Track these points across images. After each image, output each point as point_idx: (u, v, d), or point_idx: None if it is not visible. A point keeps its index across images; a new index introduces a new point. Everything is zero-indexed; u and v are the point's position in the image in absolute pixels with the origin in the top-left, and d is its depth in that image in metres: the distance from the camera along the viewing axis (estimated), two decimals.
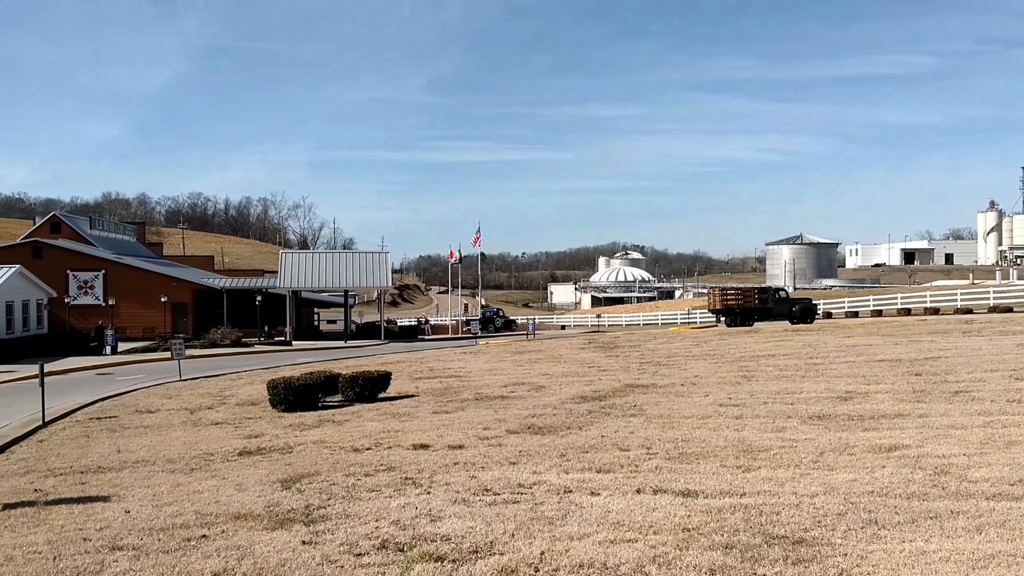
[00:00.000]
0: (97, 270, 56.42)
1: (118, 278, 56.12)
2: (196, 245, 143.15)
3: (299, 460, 12.38)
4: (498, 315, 74.67)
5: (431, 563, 6.99)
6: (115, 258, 59.64)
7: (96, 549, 7.76)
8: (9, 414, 20.01)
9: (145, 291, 55.18)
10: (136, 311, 54.05)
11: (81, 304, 54.49)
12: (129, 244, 73.70)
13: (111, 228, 75.57)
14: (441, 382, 24.12)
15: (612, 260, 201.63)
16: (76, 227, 67.17)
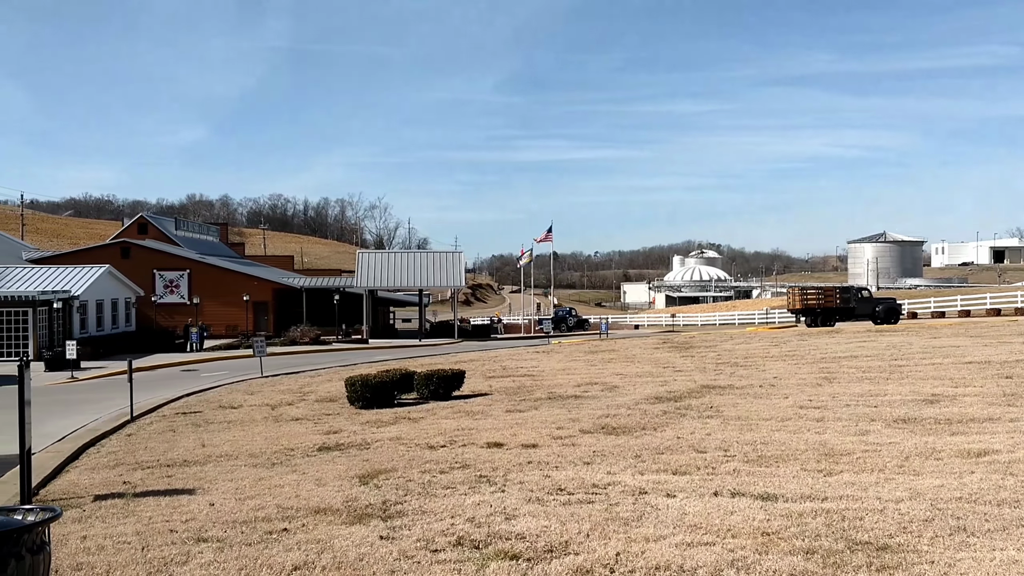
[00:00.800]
0: (182, 269, 58.23)
1: (202, 277, 57.82)
2: (276, 245, 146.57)
3: (376, 456, 12.57)
4: (570, 314, 74.48)
5: (506, 561, 7.01)
6: (199, 258, 61.48)
7: (182, 540, 8.01)
8: (99, 409, 20.80)
9: (228, 290, 56.72)
10: (219, 309, 55.61)
11: (167, 303, 56.35)
12: (212, 244, 75.91)
13: (195, 229, 77.96)
14: (514, 381, 24.19)
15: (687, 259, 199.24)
16: (162, 228, 69.49)
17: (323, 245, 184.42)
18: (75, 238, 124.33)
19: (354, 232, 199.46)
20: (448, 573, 6.75)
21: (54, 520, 4.95)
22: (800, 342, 33.18)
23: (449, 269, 59.64)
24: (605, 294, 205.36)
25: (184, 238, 69.80)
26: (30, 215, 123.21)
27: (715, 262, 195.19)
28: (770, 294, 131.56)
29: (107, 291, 46.54)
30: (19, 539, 4.67)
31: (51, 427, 17.28)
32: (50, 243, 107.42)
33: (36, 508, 5.04)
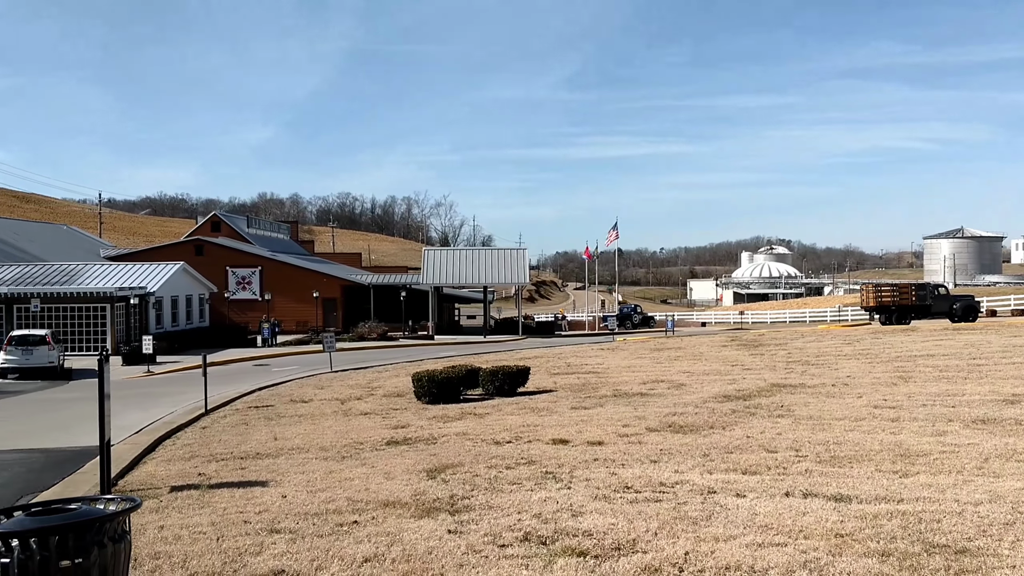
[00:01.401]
0: (254, 266, 59.52)
1: (273, 274, 59.03)
2: (344, 243, 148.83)
3: (443, 451, 12.67)
4: (635, 311, 73.94)
5: (574, 558, 7.00)
6: (270, 255, 62.77)
7: (256, 531, 8.20)
8: (175, 402, 21.41)
9: (298, 287, 57.81)
10: (289, 305, 56.70)
11: (239, 299, 57.68)
12: (283, 242, 77.44)
13: (266, 227, 79.62)
14: (579, 378, 24.13)
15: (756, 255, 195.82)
16: (235, 226, 71.14)
17: (390, 242, 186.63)
18: (151, 236, 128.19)
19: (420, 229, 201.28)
20: (515, 568, 6.77)
21: (134, 510, 5.10)
22: (874, 340, 32.37)
23: (513, 266, 59.77)
24: (671, 291, 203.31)
25: (256, 236, 71.34)
26: (108, 214, 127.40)
27: (785, 258, 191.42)
28: (842, 291, 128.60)
29: (182, 287, 47.85)
30: (101, 528, 4.83)
31: (129, 419, 17.84)
32: (127, 241, 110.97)
33: (117, 498, 5.20)
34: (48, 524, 4.72)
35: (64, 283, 42.14)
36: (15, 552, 4.61)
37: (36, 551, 4.61)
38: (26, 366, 30.76)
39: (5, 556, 4.62)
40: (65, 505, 5.14)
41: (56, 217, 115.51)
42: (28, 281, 42.43)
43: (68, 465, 13.22)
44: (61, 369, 31.89)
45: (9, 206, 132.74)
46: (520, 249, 64.23)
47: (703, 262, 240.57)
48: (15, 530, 4.69)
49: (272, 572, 6.84)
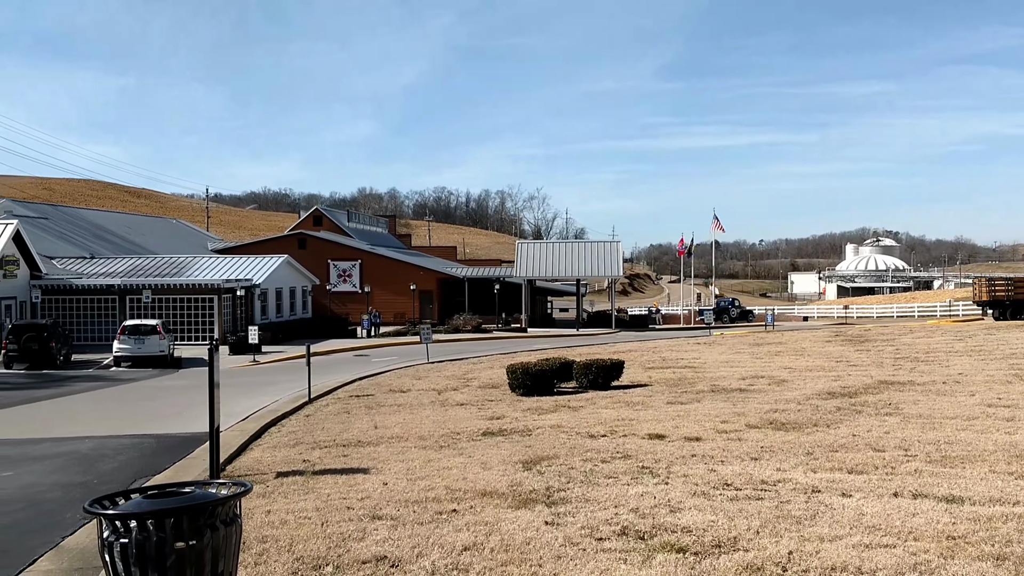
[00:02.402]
0: (354, 260, 60.88)
1: (372, 267, 60.27)
2: (440, 236, 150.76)
3: (538, 443, 12.70)
4: (733, 305, 72.48)
5: (672, 553, 6.92)
6: (370, 249, 64.10)
7: (359, 517, 8.39)
8: (279, 391, 22.08)
9: (395, 279, 58.88)
10: (387, 298, 57.80)
11: (340, 291, 59.12)
12: (381, 236, 78.99)
13: (366, 221, 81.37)
14: (674, 372, 23.83)
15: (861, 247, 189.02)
16: (335, 220, 72.94)
17: (484, 236, 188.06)
18: (255, 229, 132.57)
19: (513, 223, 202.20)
20: (614, 562, 6.73)
21: (245, 495, 5.27)
22: (987, 336, 30.91)
23: (606, 259, 59.40)
24: (770, 284, 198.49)
25: (355, 229, 72.96)
26: (214, 208, 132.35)
27: (892, 251, 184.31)
28: (953, 285, 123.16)
29: (285, 280, 49.33)
30: (214, 511, 5.01)
31: (236, 407, 18.47)
32: (233, 234, 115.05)
33: (228, 483, 5.39)
34: (164, 507, 4.93)
35: (174, 275, 43.98)
36: (133, 533, 4.82)
37: (153, 532, 4.82)
38: (138, 355, 32.24)
39: (123, 537, 4.83)
40: (179, 489, 5.36)
41: (166, 211, 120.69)
42: (140, 273, 44.45)
43: (178, 450, 13.80)
44: (171, 358, 33.29)
45: (122, 201, 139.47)
46: (613, 241, 63.78)
47: (805, 255, 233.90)
48: (133, 512, 4.91)
49: (375, 557, 6.98)
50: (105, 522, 4.89)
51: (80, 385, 26.27)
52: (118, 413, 19.69)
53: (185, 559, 4.82)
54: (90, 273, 44.40)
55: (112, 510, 4.95)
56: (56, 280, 42.11)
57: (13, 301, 39.56)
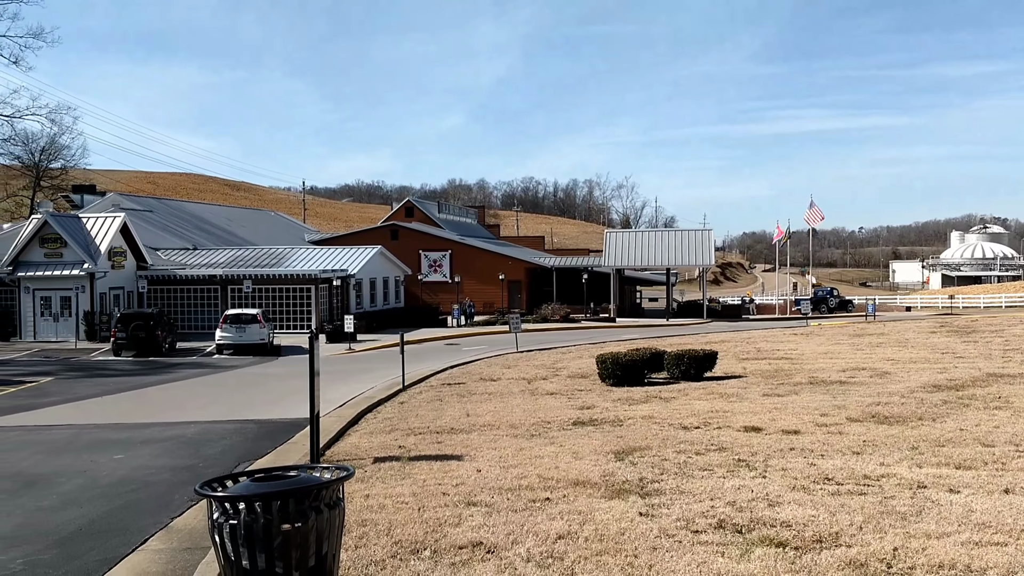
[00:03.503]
0: (444, 250, 61.61)
1: (462, 257, 60.88)
2: (528, 226, 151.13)
3: (629, 433, 12.62)
4: (831, 294, 70.41)
5: (772, 548, 6.79)
6: (459, 239, 64.74)
7: (454, 503, 8.50)
8: (374, 378, 22.53)
9: (484, 269, 59.34)
10: (477, 287, 58.31)
11: (430, 281, 59.93)
12: (471, 226, 79.68)
13: (455, 212, 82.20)
14: (770, 364, 23.33)
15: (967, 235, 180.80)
16: (426, 211, 73.91)
17: (571, 225, 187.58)
18: (349, 221, 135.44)
19: (601, 212, 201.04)
20: (711, 555, 6.65)
21: (347, 479, 5.41)
22: None
23: (698, 247, 58.50)
24: (870, 273, 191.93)
25: (445, 220, 73.78)
26: (310, 200, 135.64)
27: (1001, 238, 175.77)
28: None
29: (379, 270, 50.28)
30: (319, 494, 5.16)
31: (333, 394, 18.92)
32: (328, 226, 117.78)
33: (332, 467, 5.53)
34: (271, 490, 5.09)
35: (273, 266, 45.33)
36: (241, 515, 5.00)
37: (260, 514, 4.99)
38: (239, 343, 33.37)
39: (232, 518, 5.02)
40: (285, 472, 5.53)
41: (264, 204, 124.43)
42: (241, 264, 45.96)
43: (279, 435, 14.24)
44: (271, 346, 34.34)
45: (222, 194, 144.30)
46: (705, 230, 62.76)
47: (907, 242, 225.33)
48: (242, 494, 5.09)
49: (471, 543, 7.07)
50: (215, 504, 5.09)
51: (184, 372, 27.36)
52: (221, 399, 20.43)
53: (291, 541, 4.97)
54: (193, 264, 46.15)
55: (222, 492, 5.14)
56: (161, 271, 43.93)
57: (121, 291, 41.46)
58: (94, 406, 19.29)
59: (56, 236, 38.98)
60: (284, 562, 4.97)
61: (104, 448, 13.43)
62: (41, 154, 67.54)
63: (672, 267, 59.66)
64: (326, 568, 5.18)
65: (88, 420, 16.83)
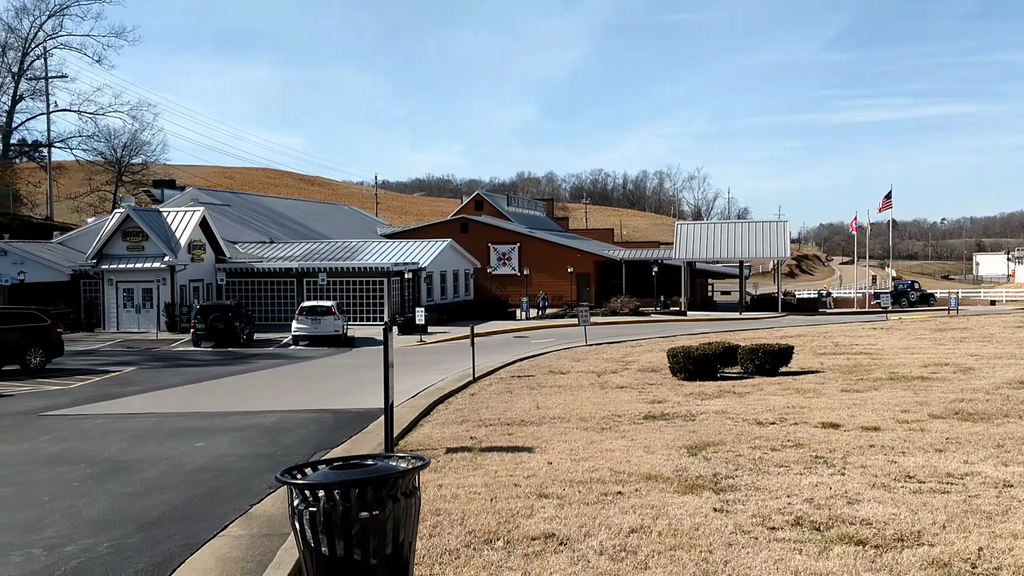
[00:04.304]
0: (513, 243, 61.73)
1: (531, 250, 60.90)
2: (596, 219, 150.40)
3: (702, 428, 12.48)
4: (912, 287, 68.37)
5: (851, 546, 6.65)
6: (528, 232, 64.80)
7: (526, 495, 8.53)
8: (444, 370, 22.74)
9: (553, 262, 59.25)
10: (545, 280, 58.27)
11: (499, 274, 60.13)
12: (539, 219, 79.66)
13: (524, 204, 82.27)
14: (848, 359, 22.79)
15: None
16: (495, 204, 74.14)
17: (641, 217, 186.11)
18: (420, 215, 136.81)
19: (671, 204, 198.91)
20: (788, 552, 6.54)
21: (423, 468, 5.46)
22: None
23: (772, 239, 57.38)
24: (953, 266, 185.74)
25: (514, 213, 73.90)
26: (382, 194, 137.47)
27: None
28: None
29: (449, 263, 50.67)
30: (396, 483, 5.22)
31: (405, 385, 19.15)
32: (399, 219, 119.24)
33: (408, 456, 5.60)
34: (350, 478, 5.18)
35: (346, 259, 46.07)
36: (321, 502, 5.10)
37: (339, 502, 5.07)
38: (314, 334, 34.02)
39: (312, 505, 5.12)
40: (362, 461, 5.61)
41: (337, 198, 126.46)
42: (316, 257, 46.84)
43: (354, 424, 14.49)
44: (345, 337, 34.93)
45: (297, 188, 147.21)
46: (780, 221, 61.47)
47: (992, 234, 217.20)
48: (321, 482, 5.19)
49: (543, 535, 7.09)
50: (295, 491, 5.19)
51: (262, 362, 28.03)
52: (297, 389, 20.87)
53: (369, 528, 5.05)
54: (270, 257, 47.20)
55: (301, 480, 5.25)
56: (239, 263, 45.05)
57: (200, 283, 42.66)
58: (175, 395, 19.91)
59: (138, 230, 40.28)
60: (362, 549, 5.05)
61: (186, 436, 13.85)
62: (123, 150, 70.05)
63: (745, 260, 58.67)
64: (403, 556, 5.25)
65: (170, 409, 17.38)
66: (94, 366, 26.60)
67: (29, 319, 25.42)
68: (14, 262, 41.54)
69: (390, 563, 5.16)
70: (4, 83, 64.17)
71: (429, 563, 6.53)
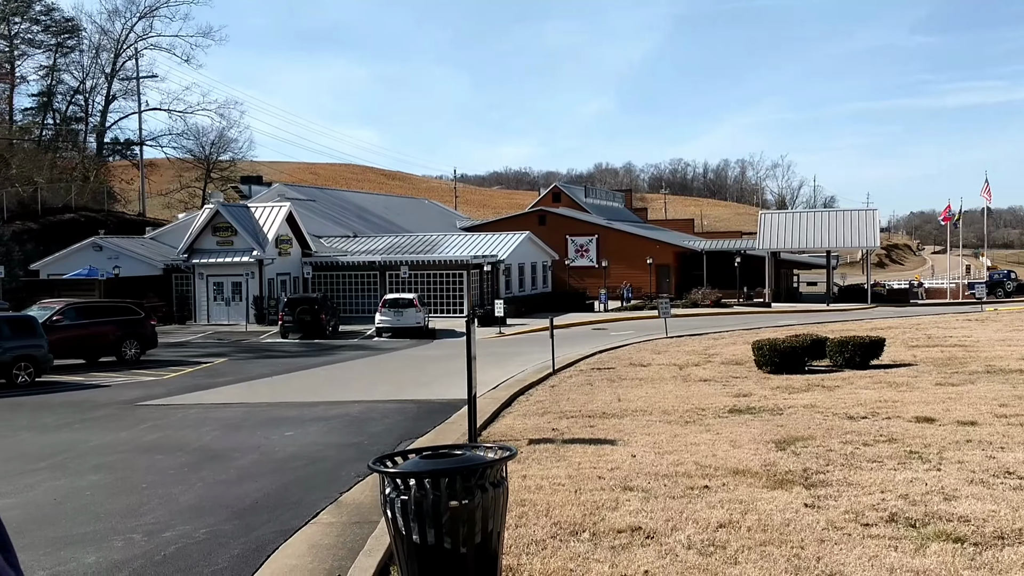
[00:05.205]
0: (591, 235, 61.46)
1: (609, 242, 60.54)
2: (676, 209, 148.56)
3: (790, 423, 12.22)
4: (1008, 277, 65.53)
5: (949, 543, 6.43)
6: (606, 223, 64.41)
7: (610, 487, 8.50)
8: (524, 361, 22.81)
9: (631, 253, 58.75)
10: (624, 272, 57.81)
11: (577, 266, 59.93)
12: (617, 210, 79.11)
13: (602, 196, 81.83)
14: (942, 351, 22.01)
15: None
16: (573, 196, 73.93)
17: (722, 207, 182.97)
18: (497, 207, 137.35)
19: (754, 193, 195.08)
20: (882, 549, 6.37)
21: (511, 459, 5.50)
22: None
23: (860, 228, 55.74)
24: None
25: (592, 205, 73.57)
26: (461, 188, 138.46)
27: None
28: None
29: (527, 255, 50.78)
30: (484, 473, 5.27)
31: (486, 376, 19.26)
32: (477, 212, 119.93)
33: (495, 447, 5.64)
34: (440, 467, 5.25)
35: (427, 252, 46.61)
36: (412, 491, 5.18)
37: (429, 491, 5.15)
38: (397, 326, 34.54)
39: (403, 494, 5.20)
40: (451, 451, 5.68)
41: (417, 192, 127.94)
42: (397, 250, 47.51)
43: (437, 415, 14.67)
44: (426, 329, 35.37)
45: (379, 183, 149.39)
46: (869, 210, 59.69)
47: None
48: (412, 471, 5.27)
49: (629, 528, 7.06)
50: (387, 479, 5.29)
51: (347, 354, 28.59)
52: (382, 380, 21.22)
53: (458, 517, 5.11)
54: (353, 251, 48.08)
55: (392, 469, 5.34)
56: (324, 257, 46.01)
57: (288, 277, 43.72)
58: (264, 386, 20.47)
59: (227, 225, 41.46)
60: (452, 538, 5.11)
61: (276, 425, 14.23)
62: (211, 147, 72.27)
63: (832, 249, 57.14)
64: (491, 545, 5.30)
65: (260, 399, 17.88)
66: (186, 357, 27.53)
67: (124, 312, 26.46)
68: (109, 257, 43.27)
69: (479, 552, 5.22)
70: (98, 84, 66.88)
71: (516, 553, 6.57)
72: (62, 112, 66.76)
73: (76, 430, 14.29)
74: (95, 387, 20.47)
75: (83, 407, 17.05)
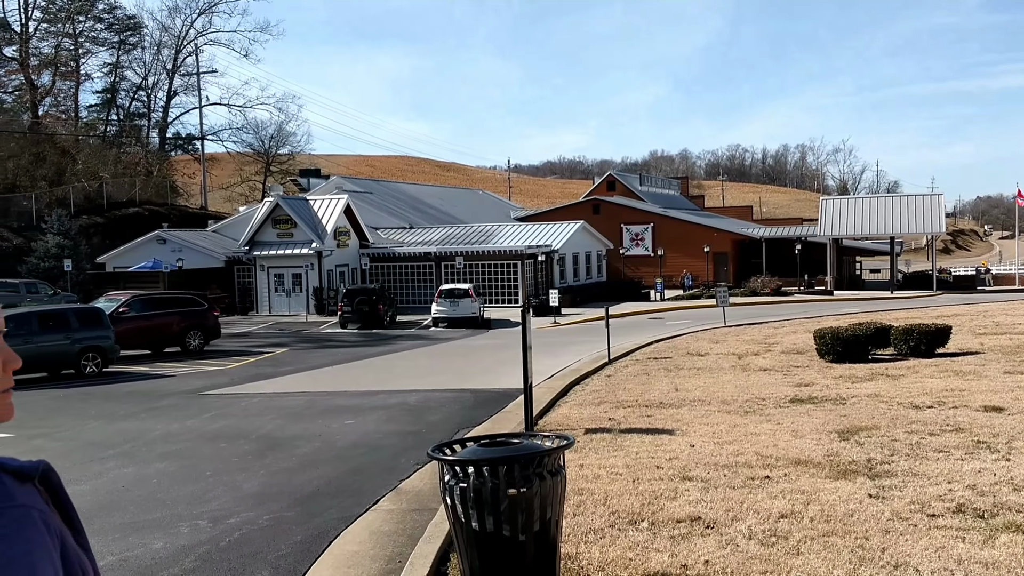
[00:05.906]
0: (646, 223, 60.98)
1: (664, 230, 59.98)
2: (734, 196, 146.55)
3: (854, 412, 11.99)
4: None
5: (1019, 534, 6.26)
6: (662, 211, 63.84)
7: (668, 477, 8.45)
8: (579, 351, 22.76)
9: (688, 241, 58.14)
10: (680, 260, 57.29)
11: (632, 255, 59.56)
12: (673, 198, 78.35)
13: (657, 183, 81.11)
14: (1011, 339, 21.38)
15: None
16: (628, 184, 73.43)
17: (781, 193, 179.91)
18: (551, 197, 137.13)
19: (815, 178, 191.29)
20: (950, 540, 6.22)
21: (568, 448, 5.50)
22: None
23: (925, 213, 54.34)
24: None
25: (647, 193, 72.98)
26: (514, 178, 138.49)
27: None
28: None
29: (581, 244, 50.61)
30: (542, 461, 5.28)
31: (541, 366, 19.24)
32: (531, 202, 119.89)
33: (552, 436, 5.65)
34: (498, 455, 5.27)
35: (482, 243, 46.78)
36: (471, 478, 5.22)
37: (488, 479, 5.18)
38: (453, 316, 34.77)
39: (462, 481, 5.24)
40: (508, 439, 5.71)
41: (471, 183, 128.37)
42: (452, 241, 47.78)
43: (493, 404, 14.73)
44: (481, 319, 35.53)
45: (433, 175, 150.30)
46: (934, 195, 58.12)
47: None
48: (471, 459, 5.30)
49: (688, 517, 7.00)
50: (446, 467, 5.33)
51: (404, 343, 28.88)
52: (438, 369, 21.38)
53: (517, 505, 5.13)
54: (409, 242, 48.50)
55: (452, 457, 5.38)
56: (381, 248, 46.49)
57: (346, 268, 44.28)
58: (325, 375, 20.78)
59: (287, 217, 42.13)
60: (511, 525, 5.14)
61: (336, 414, 14.45)
62: (270, 141, 73.53)
63: (896, 235, 55.81)
64: (550, 534, 5.31)
65: (320, 388, 18.16)
66: (248, 347, 28.08)
67: (188, 304, 27.09)
68: (172, 250, 44.32)
69: (538, 540, 5.23)
70: (159, 80, 68.43)
71: (575, 541, 6.58)
72: (125, 108, 68.48)
73: (143, 419, 14.69)
74: (160, 377, 21.01)
75: (149, 396, 17.52)
